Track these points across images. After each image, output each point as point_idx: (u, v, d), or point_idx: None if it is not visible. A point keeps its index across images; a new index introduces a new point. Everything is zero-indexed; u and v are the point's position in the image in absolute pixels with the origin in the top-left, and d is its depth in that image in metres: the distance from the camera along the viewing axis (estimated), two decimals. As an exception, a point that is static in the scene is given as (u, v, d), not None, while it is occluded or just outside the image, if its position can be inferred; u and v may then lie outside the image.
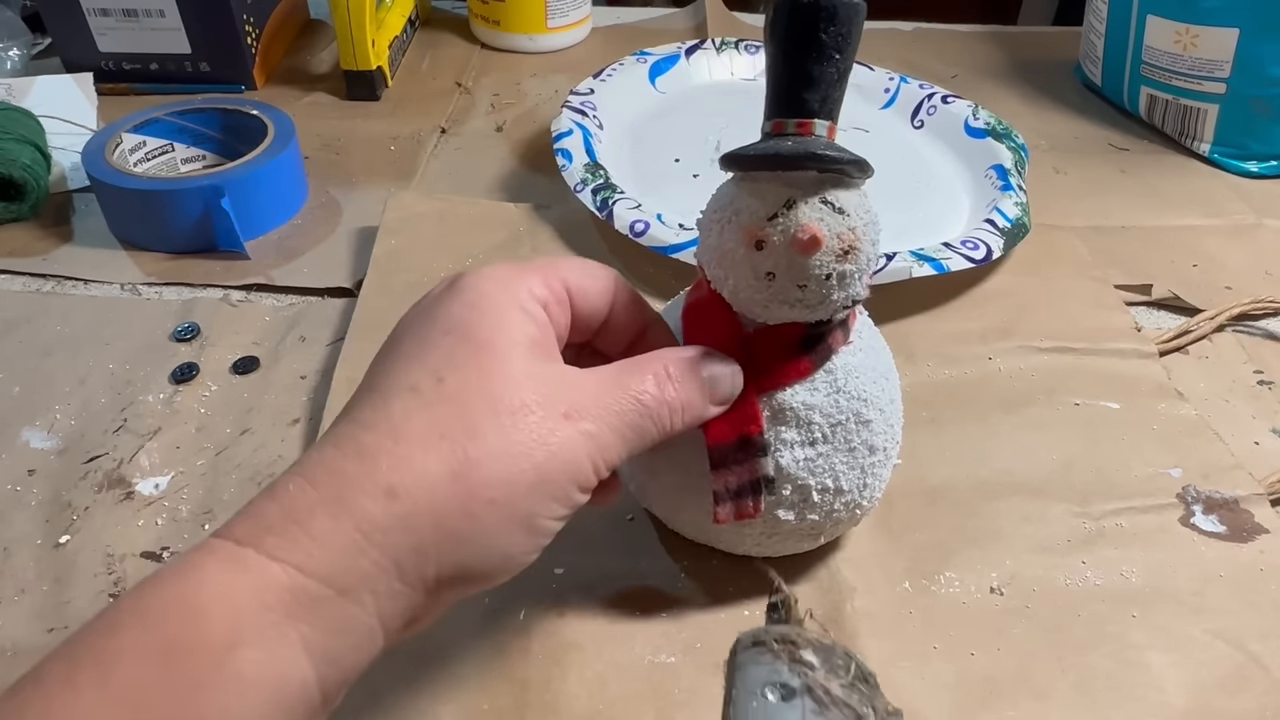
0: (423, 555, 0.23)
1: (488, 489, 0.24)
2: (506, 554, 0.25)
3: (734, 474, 0.31)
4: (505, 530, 0.25)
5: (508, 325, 0.26)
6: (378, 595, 0.23)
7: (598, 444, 0.26)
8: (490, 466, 0.24)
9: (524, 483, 0.25)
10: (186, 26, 0.68)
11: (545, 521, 0.26)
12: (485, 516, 0.24)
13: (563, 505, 0.26)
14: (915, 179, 0.60)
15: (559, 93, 0.74)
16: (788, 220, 0.28)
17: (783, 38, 0.27)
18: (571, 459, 0.26)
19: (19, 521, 0.38)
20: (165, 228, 0.53)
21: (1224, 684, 0.34)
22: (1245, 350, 0.50)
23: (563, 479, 0.26)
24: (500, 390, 0.25)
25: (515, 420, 0.25)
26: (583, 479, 0.26)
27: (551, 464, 0.25)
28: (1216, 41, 0.62)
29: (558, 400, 0.26)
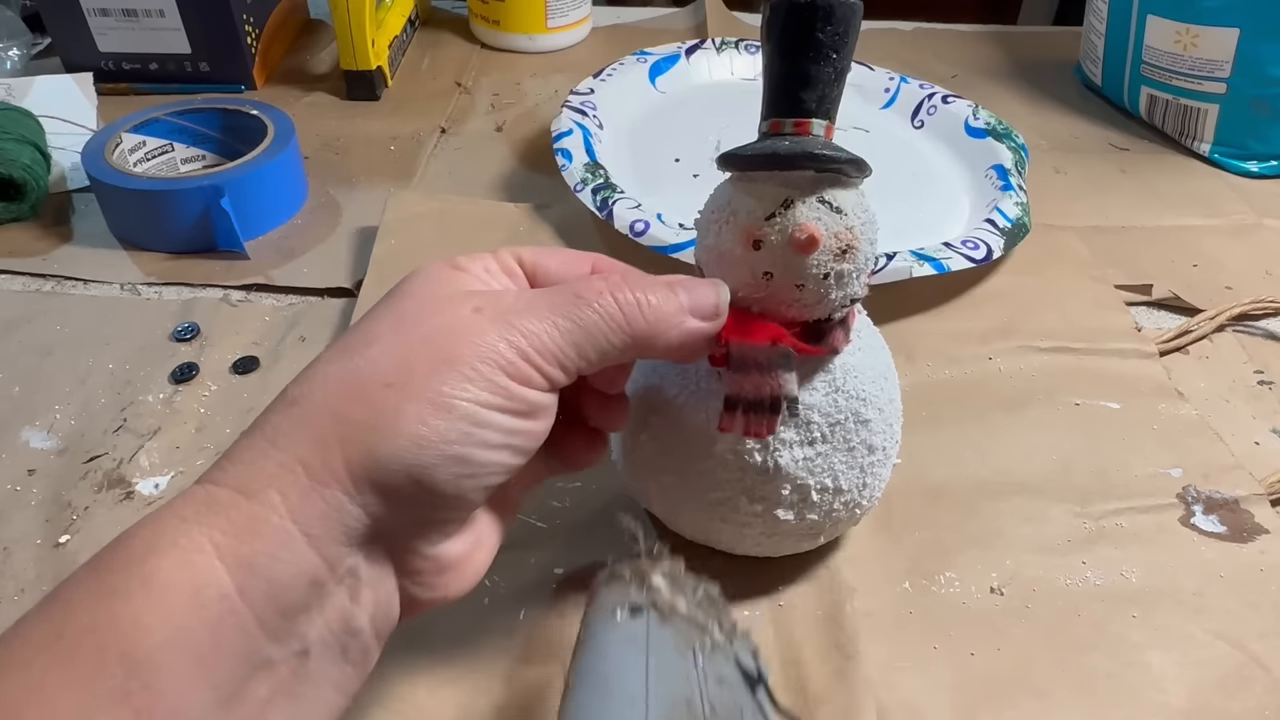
0: (325, 446, 0.23)
1: (381, 374, 0.24)
2: (419, 436, 0.23)
3: (753, 382, 0.29)
4: (410, 411, 0.23)
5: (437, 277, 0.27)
6: (287, 496, 0.23)
7: (521, 331, 0.25)
8: (384, 357, 0.24)
9: (423, 362, 0.24)
10: (186, 26, 0.68)
11: (465, 405, 0.24)
12: (382, 400, 0.23)
13: (487, 390, 0.24)
14: (915, 179, 0.60)
15: (559, 93, 0.74)
16: (785, 220, 0.28)
17: (779, 37, 0.27)
18: (485, 343, 0.24)
19: (19, 521, 0.38)
20: (165, 228, 0.53)
21: (1224, 684, 0.34)
22: (1245, 350, 0.50)
23: (476, 361, 0.24)
24: (407, 308, 0.26)
25: (417, 320, 0.25)
26: (508, 365, 0.24)
27: (453, 343, 0.24)
28: (1216, 41, 0.62)
29: (468, 302, 0.25)
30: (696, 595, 0.26)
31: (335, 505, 0.23)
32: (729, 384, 0.29)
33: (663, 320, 0.27)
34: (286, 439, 0.23)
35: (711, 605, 0.26)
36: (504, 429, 0.25)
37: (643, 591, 0.26)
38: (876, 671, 0.33)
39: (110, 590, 0.21)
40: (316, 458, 0.23)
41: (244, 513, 0.22)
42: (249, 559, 0.22)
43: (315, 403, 0.24)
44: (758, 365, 0.29)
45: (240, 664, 0.22)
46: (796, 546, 0.35)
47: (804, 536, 0.34)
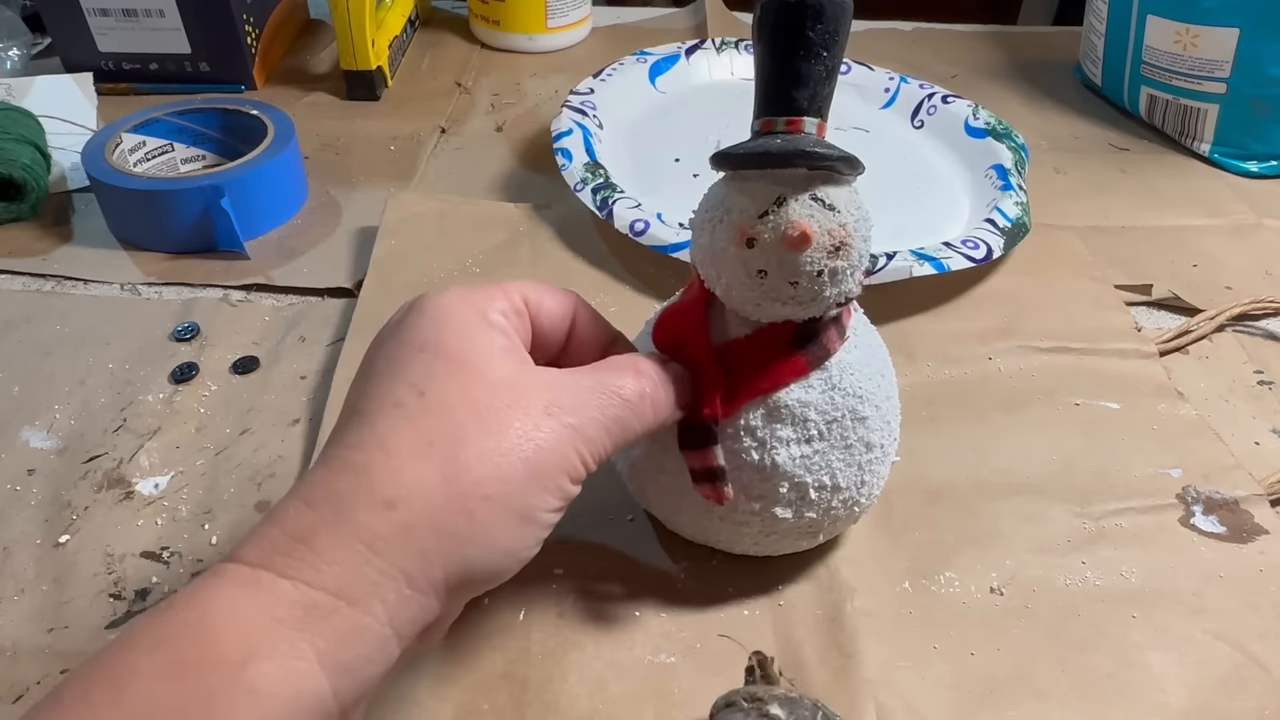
0: (427, 559, 0.24)
1: (481, 487, 0.25)
2: (508, 549, 0.26)
3: (698, 457, 0.32)
4: (504, 525, 0.25)
5: (477, 337, 0.27)
6: (388, 604, 0.23)
7: (582, 435, 0.27)
8: (481, 466, 0.25)
9: (516, 477, 0.25)
10: (186, 26, 0.68)
11: (542, 514, 0.26)
12: (482, 514, 0.25)
13: (556, 497, 0.26)
14: (915, 179, 0.60)
15: (559, 93, 0.74)
16: (778, 218, 0.28)
17: (770, 36, 0.28)
18: (558, 450, 0.26)
19: (19, 521, 0.38)
20: (165, 228, 0.53)
21: (1224, 684, 0.34)
22: (1245, 350, 0.50)
23: (553, 470, 0.26)
24: (480, 395, 0.26)
25: (499, 420, 0.26)
26: (572, 470, 0.27)
27: (540, 457, 0.26)
28: (1216, 41, 0.62)
29: (537, 397, 0.27)
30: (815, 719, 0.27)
31: (426, 609, 0.24)
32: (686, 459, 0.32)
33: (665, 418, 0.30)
34: (388, 547, 0.24)
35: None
36: (553, 524, 0.27)
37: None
38: (876, 671, 0.33)
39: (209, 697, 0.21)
40: (419, 569, 0.24)
41: (347, 621, 0.23)
42: (349, 664, 0.23)
43: (417, 511, 0.24)
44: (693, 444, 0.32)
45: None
46: (795, 545, 0.35)
47: (803, 535, 0.34)
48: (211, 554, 0.37)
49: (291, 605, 0.22)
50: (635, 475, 0.35)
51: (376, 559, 0.23)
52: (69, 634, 0.34)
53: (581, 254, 0.54)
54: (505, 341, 0.28)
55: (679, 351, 0.32)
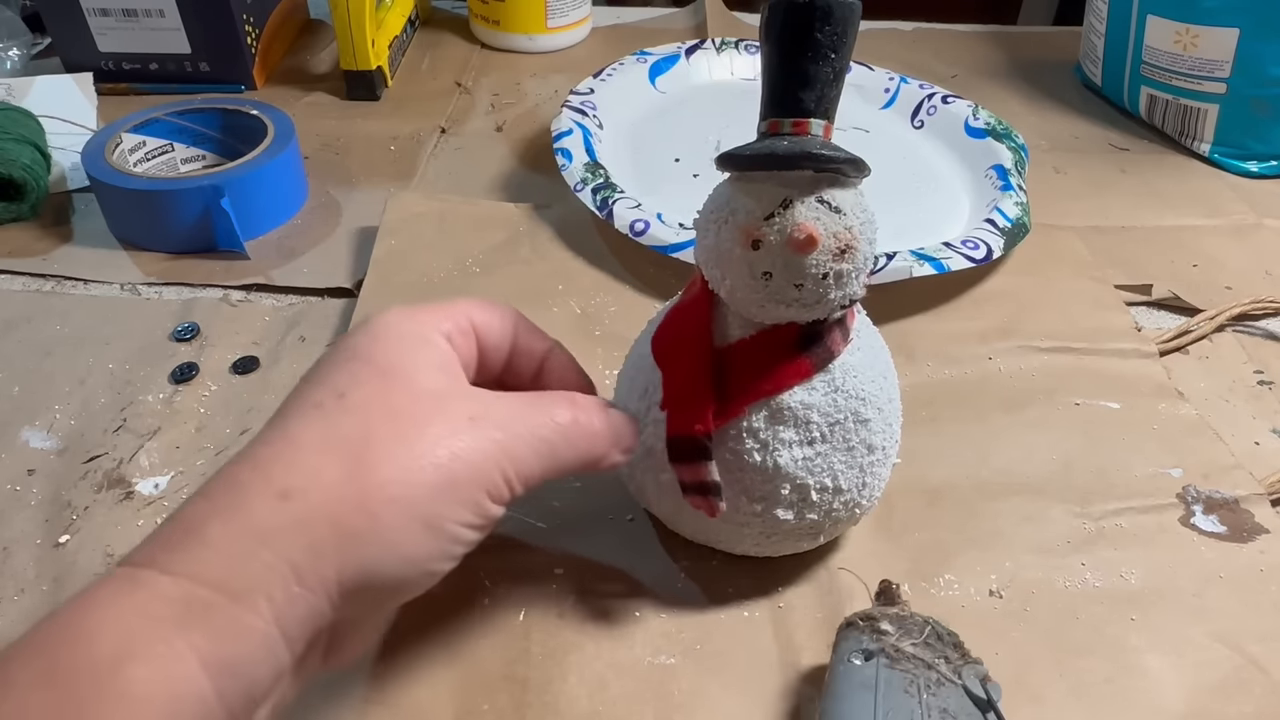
0: (319, 555, 0.23)
1: (386, 488, 0.24)
2: (410, 556, 0.24)
3: (689, 471, 0.32)
4: (407, 531, 0.24)
5: (412, 350, 0.27)
6: (274, 600, 0.22)
7: (506, 452, 0.26)
8: (388, 466, 0.24)
9: (425, 482, 0.24)
10: (186, 26, 0.68)
11: (452, 526, 0.25)
12: (384, 514, 0.23)
13: (471, 512, 0.25)
14: (915, 179, 0.60)
15: (559, 93, 0.74)
16: (784, 220, 0.28)
17: (778, 37, 0.27)
18: (478, 463, 0.25)
19: (19, 521, 0.38)
20: (165, 228, 0.53)
21: (1223, 687, 0.34)
22: (1245, 350, 0.50)
23: (468, 482, 0.25)
24: (401, 401, 0.25)
25: (416, 425, 0.25)
26: (493, 487, 0.26)
27: (455, 465, 0.25)
28: (1216, 41, 0.62)
29: (462, 408, 0.26)
30: (924, 634, 0.30)
31: (317, 610, 0.23)
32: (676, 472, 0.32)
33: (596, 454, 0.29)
34: (278, 539, 0.22)
35: (939, 642, 0.30)
36: (469, 542, 0.26)
37: (873, 638, 0.29)
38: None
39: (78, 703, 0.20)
40: (309, 565, 0.22)
41: (228, 617, 0.21)
42: (231, 663, 0.21)
43: (313, 504, 0.23)
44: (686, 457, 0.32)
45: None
46: (796, 546, 0.35)
47: (804, 536, 0.34)
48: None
49: (170, 602, 0.21)
50: (635, 475, 0.35)
51: (265, 551, 0.22)
52: None
53: (581, 254, 0.54)
54: (440, 358, 0.27)
55: (676, 359, 0.32)
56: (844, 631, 0.31)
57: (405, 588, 0.25)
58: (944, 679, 0.28)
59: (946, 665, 0.29)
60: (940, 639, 0.30)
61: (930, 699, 0.28)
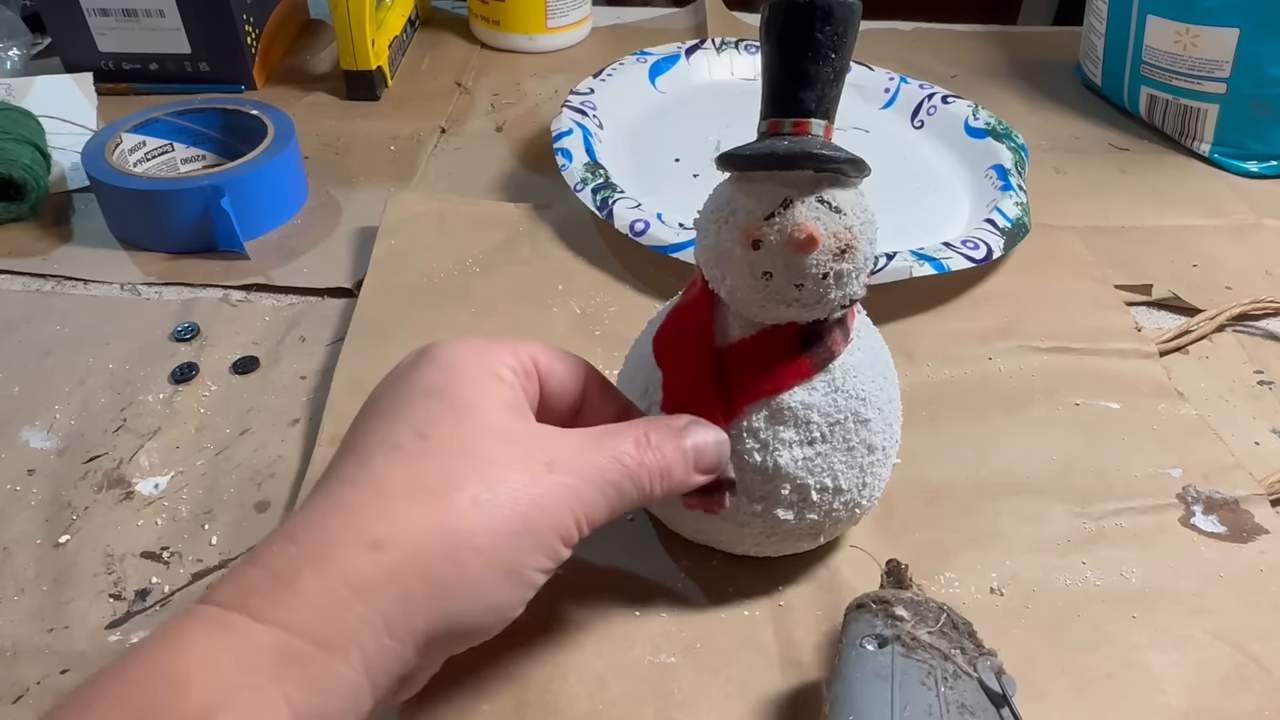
0: (410, 607, 0.23)
1: (474, 537, 0.24)
2: (493, 605, 0.25)
3: None
4: (492, 579, 0.24)
5: (484, 386, 0.27)
6: (365, 652, 0.22)
7: (579, 497, 0.26)
8: (476, 515, 0.24)
9: (509, 531, 0.25)
10: (186, 26, 0.68)
11: (530, 572, 0.25)
12: (472, 564, 0.24)
13: (547, 556, 0.26)
14: (915, 179, 0.60)
15: (559, 93, 0.74)
16: (784, 220, 0.28)
17: (779, 37, 0.27)
18: (554, 509, 0.26)
19: (19, 521, 0.38)
20: (165, 228, 0.53)
21: (1223, 684, 0.34)
22: (1245, 350, 0.50)
23: (546, 529, 0.25)
24: (481, 444, 0.26)
25: (499, 471, 0.25)
26: (565, 531, 0.26)
27: (535, 513, 0.25)
28: (1216, 41, 0.62)
29: (539, 453, 0.26)
30: (939, 623, 0.28)
31: (403, 659, 0.23)
32: None
33: (676, 487, 0.29)
34: (371, 590, 0.23)
35: (954, 631, 0.28)
36: (539, 585, 0.26)
37: (887, 623, 0.28)
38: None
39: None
40: (400, 617, 0.23)
41: (323, 669, 0.22)
42: (320, 713, 0.22)
43: (405, 555, 0.23)
44: None
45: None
46: (796, 546, 0.35)
47: (804, 536, 0.34)
48: (211, 554, 0.37)
49: (265, 651, 0.21)
50: (636, 475, 0.35)
51: (358, 603, 0.22)
52: (69, 634, 0.34)
53: (581, 254, 0.54)
54: (510, 395, 0.28)
55: (677, 360, 0.32)
56: (854, 613, 0.30)
57: (481, 633, 0.26)
58: (960, 671, 0.27)
59: (963, 656, 0.28)
60: (956, 628, 0.29)
61: (948, 692, 0.26)
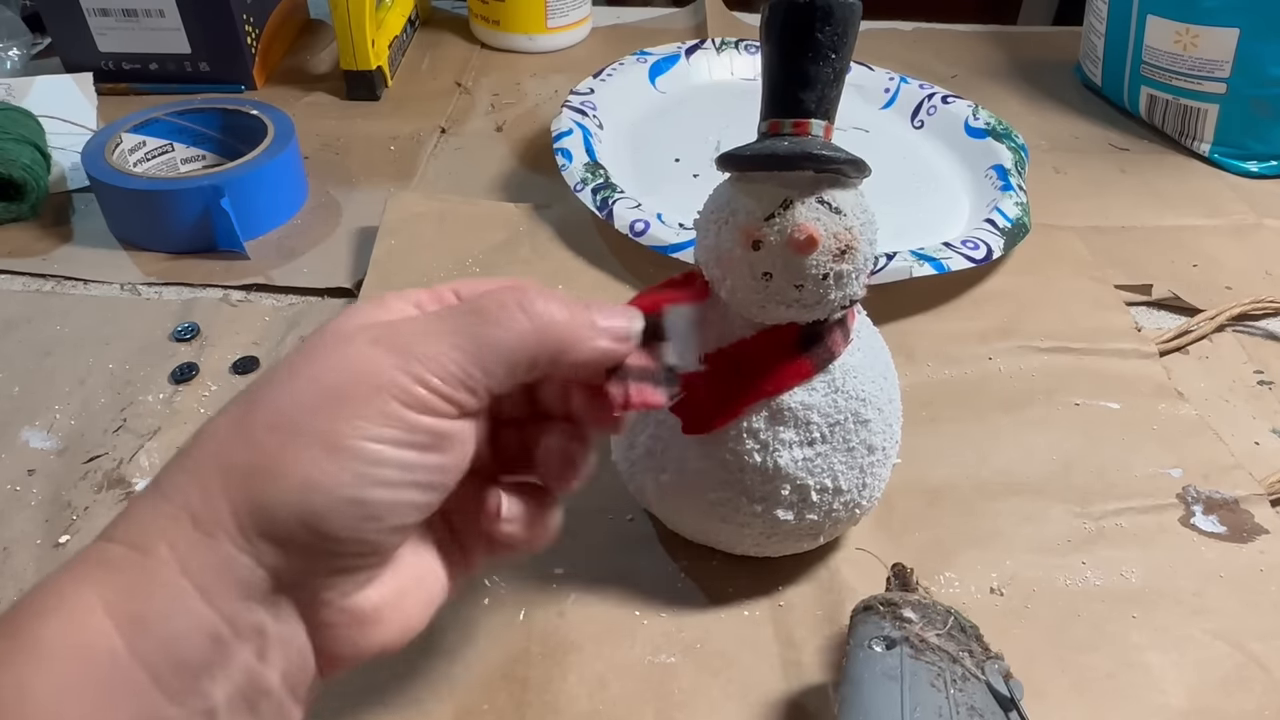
0: (209, 494, 0.22)
1: (265, 416, 0.23)
2: (311, 482, 0.22)
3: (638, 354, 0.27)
4: (298, 454, 0.22)
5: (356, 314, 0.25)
6: (176, 548, 0.21)
7: (417, 355, 0.23)
8: (273, 399, 0.23)
9: (307, 402, 0.23)
10: (186, 26, 0.68)
11: (358, 442, 0.22)
12: (267, 443, 0.22)
13: (380, 424, 0.22)
14: (915, 179, 0.60)
15: (559, 93, 0.74)
16: (784, 220, 0.28)
17: (779, 38, 0.27)
18: (369, 371, 0.23)
19: (19, 521, 0.38)
20: (165, 228, 0.53)
21: (1223, 684, 0.34)
22: (1245, 350, 0.50)
23: (368, 393, 0.23)
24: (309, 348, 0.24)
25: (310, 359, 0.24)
26: (403, 393, 0.23)
27: (343, 378, 0.23)
28: (1216, 41, 0.62)
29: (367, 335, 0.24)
30: (947, 625, 0.28)
31: (226, 557, 0.22)
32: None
33: (572, 334, 0.25)
34: (176, 490, 0.22)
35: (962, 634, 0.28)
36: (405, 465, 0.23)
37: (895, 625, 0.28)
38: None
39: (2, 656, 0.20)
40: (203, 507, 0.22)
41: (133, 567, 0.21)
42: (140, 616, 0.21)
43: (204, 451, 0.23)
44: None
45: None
46: (796, 546, 0.35)
47: (804, 536, 0.34)
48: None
49: (88, 563, 0.21)
50: (635, 475, 0.35)
51: (166, 504, 0.22)
52: None
53: (581, 254, 0.54)
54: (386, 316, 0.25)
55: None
56: (862, 615, 0.30)
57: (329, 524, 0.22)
58: (969, 674, 0.27)
59: (971, 659, 0.28)
60: (964, 630, 0.29)
61: (957, 694, 0.26)
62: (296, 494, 0.22)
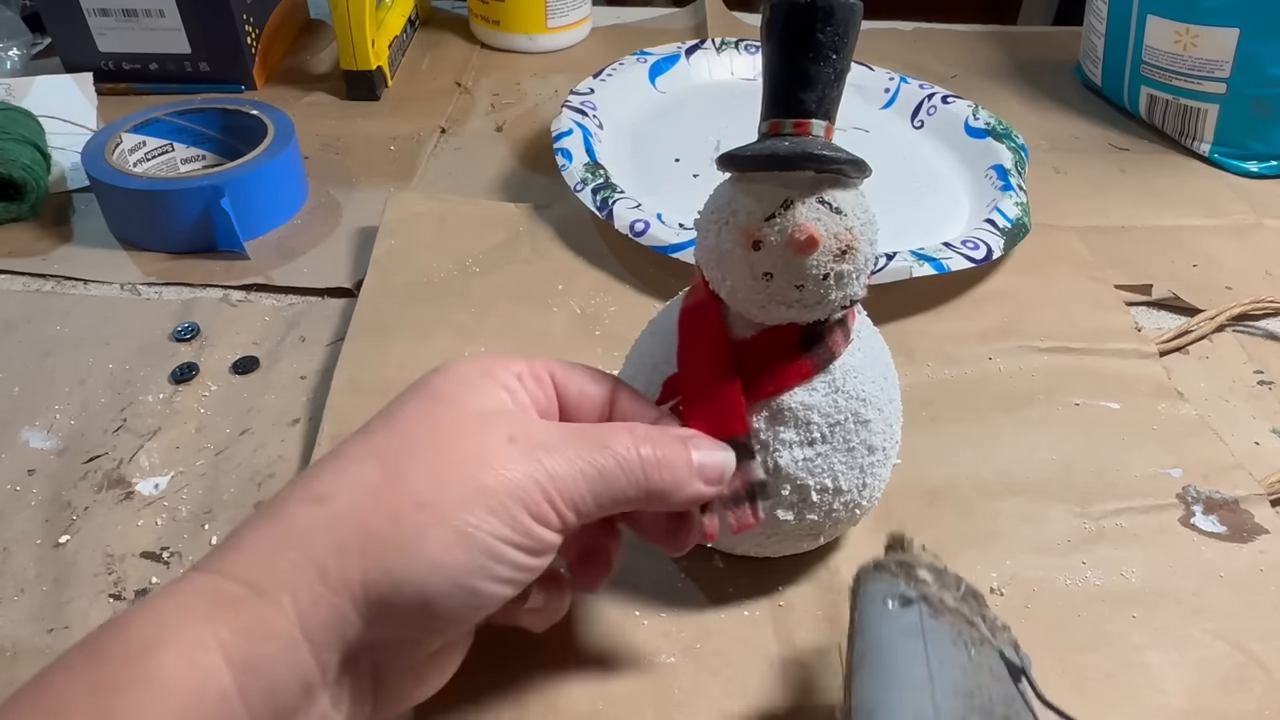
0: (344, 556, 0.23)
1: (415, 493, 0.24)
2: (438, 565, 0.23)
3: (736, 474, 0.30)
4: (435, 537, 0.23)
5: (470, 381, 0.27)
6: (298, 599, 0.22)
7: (548, 472, 0.25)
8: (420, 475, 0.24)
9: (456, 491, 0.24)
10: (186, 26, 0.68)
11: (486, 539, 0.24)
12: (411, 520, 0.23)
13: (509, 528, 0.24)
14: (915, 179, 0.60)
15: (559, 93, 0.74)
16: (785, 221, 0.28)
17: (779, 38, 0.27)
18: (513, 478, 0.25)
19: (19, 521, 0.38)
20: (165, 228, 0.53)
21: (1224, 684, 0.34)
22: (1245, 350, 0.50)
23: (503, 495, 0.24)
24: (444, 419, 0.26)
25: (453, 439, 0.25)
26: (533, 505, 0.25)
27: (489, 477, 0.24)
28: (1216, 41, 0.62)
29: (504, 428, 0.26)
30: (960, 590, 0.27)
31: (341, 616, 0.23)
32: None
33: (677, 483, 0.28)
34: (307, 539, 0.23)
35: (974, 599, 0.27)
36: (514, 564, 0.25)
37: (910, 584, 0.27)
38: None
39: (110, 685, 0.20)
40: (334, 566, 0.23)
41: (253, 612, 0.22)
42: (253, 661, 0.22)
43: (343, 507, 0.23)
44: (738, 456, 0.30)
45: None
46: (796, 547, 0.35)
47: (804, 537, 0.34)
48: (212, 554, 0.37)
49: (202, 594, 0.22)
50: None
51: (292, 550, 0.23)
52: (69, 634, 0.34)
53: (581, 254, 0.54)
54: (503, 394, 0.27)
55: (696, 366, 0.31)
56: (871, 574, 0.28)
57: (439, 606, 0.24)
58: (984, 638, 0.26)
59: (984, 625, 0.27)
60: (975, 597, 0.28)
61: (977, 655, 0.25)
62: (426, 573, 0.23)
